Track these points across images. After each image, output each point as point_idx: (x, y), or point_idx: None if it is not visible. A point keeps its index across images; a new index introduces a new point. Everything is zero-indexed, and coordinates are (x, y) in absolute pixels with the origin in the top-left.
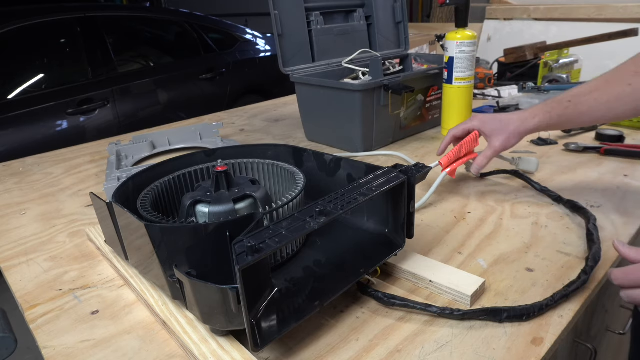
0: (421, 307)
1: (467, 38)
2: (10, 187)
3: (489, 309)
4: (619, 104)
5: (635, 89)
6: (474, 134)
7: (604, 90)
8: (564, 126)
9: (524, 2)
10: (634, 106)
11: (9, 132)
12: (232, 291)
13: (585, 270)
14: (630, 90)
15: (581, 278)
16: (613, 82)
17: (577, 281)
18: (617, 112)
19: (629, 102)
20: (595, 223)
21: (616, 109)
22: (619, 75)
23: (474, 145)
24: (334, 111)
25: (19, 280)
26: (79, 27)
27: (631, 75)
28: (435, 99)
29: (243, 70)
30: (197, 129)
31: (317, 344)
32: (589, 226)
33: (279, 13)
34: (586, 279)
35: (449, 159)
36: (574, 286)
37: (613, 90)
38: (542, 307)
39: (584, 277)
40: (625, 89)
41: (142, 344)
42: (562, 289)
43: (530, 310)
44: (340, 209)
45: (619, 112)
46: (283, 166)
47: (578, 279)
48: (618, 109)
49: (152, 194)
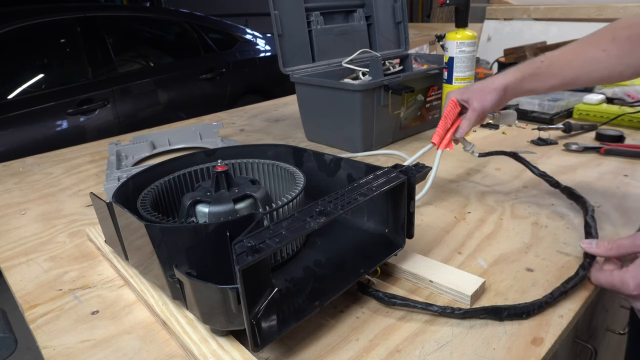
0: (422, 307)
1: (467, 38)
2: (10, 187)
3: (490, 307)
4: (592, 68)
5: (609, 55)
6: (451, 101)
7: (578, 53)
8: (537, 86)
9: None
10: (607, 73)
11: (9, 132)
12: (232, 291)
13: (584, 266)
14: (604, 55)
15: (579, 274)
16: (588, 46)
17: (575, 277)
18: (590, 76)
19: (602, 67)
20: (593, 214)
21: (589, 73)
22: (595, 40)
23: (455, 111)
24: (334, 111)
25: (19, 280)
26: (79, 27)
27: (607, 42)
28: (435, 99)
29: (243, 70)
30: (197, 129)
31: (317, 344)
32: (587, 218)
33: (279, 13)
34: (584, 274)
35: (439, 135)
36: (572, 282)
37: (587, 54)
38: (541, 305)
39: (582, 273)
40: (600, 54)
41: (142, 344)
42: (560, 285)
43: (530, 308)
44: (340, 209)
45: (592, 77)
46: (283, 166)
47: (576, 275)
48: (591, 74)
49: (152, 194)
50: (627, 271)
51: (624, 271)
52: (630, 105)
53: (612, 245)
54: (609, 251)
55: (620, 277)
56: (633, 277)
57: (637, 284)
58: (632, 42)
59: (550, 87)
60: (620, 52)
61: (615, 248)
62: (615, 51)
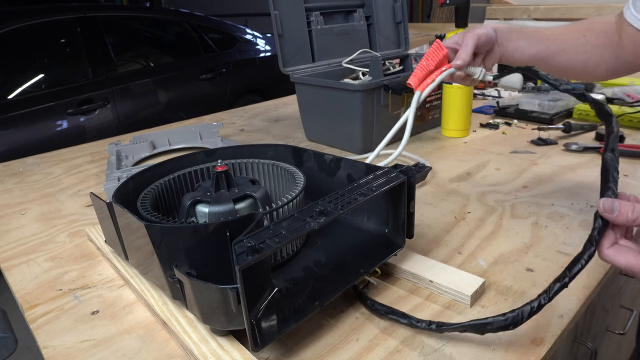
0: (406, 322)
1: None
2: (10, 187)
3: (471, 322)
4: (572, 49)
5: (587, 41)
6: (436, 42)
7: (562, 32)
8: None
9: (524, 2)
10: (583, 58)
11: (9, 132)
12: (232, 291)
13: (592, 240)
14: (583, 41)
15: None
16: (572, 29)
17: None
18: (568, 56)
19: (581, 51)
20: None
21: (568, 52)
22: (576, 26)
23: (440, 54)
24: (334, 111)
25: (19, 280)
26: (79, 27)
27: (586, 29)
28: (435, 99)
29: (243, 70)
30: (197, 129)
31: (317, 344)
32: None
33: (279, 13)
34: (593, 251)
35: (417, 77)
36: (576, 267)
37: (570, 34)
38: (532, 310)
39: (590, 248)
40: (580, 37)
41: (142, 344)
42: (548, 286)
43: (517, 318)
44: (340, 209)
45: (570, 58)
46: (283, 166)
47: (578, 262)
48: (569, 54)
49: (152, 194)
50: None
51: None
52: (630, 105)
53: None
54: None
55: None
56: None
57: None
58: (607, 36)
59: (535, 52)
60: (596, 42)
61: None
62: (592, 40)
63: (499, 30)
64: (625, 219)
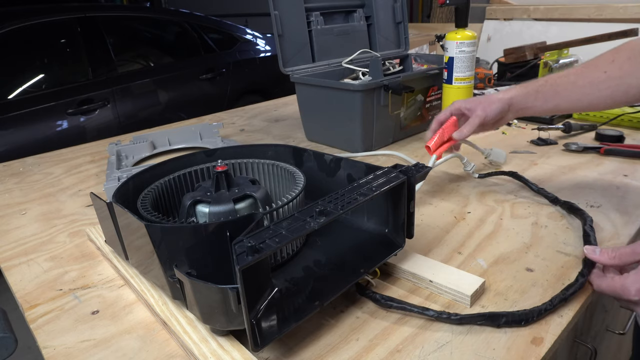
0: (418, 310)
1: (467, 38)
2: (10, 187)
3: (487, 313)
4: (594, 89)
5: (609, 77)
6: (452, 119)
7: (580, 75)
8: (540, 104)
9: (524, 2)
10: (609, 93)
11: (9, 132)
12: (232, 291)
13: (583, 273)
14: (605, 77)
15: (579, 281)
16: (590, 68)
17: (575, 284)
18: (591, 97)
19: (603, 88)
20: (592, 224)
21: (591, 94)
22: (597, 62)
23: (453, 130)
24: (334, 111)
25: (19, 280)
26: (79, 27)
27: (608, 63)
28: (435, 99)
29: (243, 70)
30: (197, 129)
31: (317, 344)
32: (585, 227)
33: (279, 13)
34: (584, 281)
35: (436, 144)
36: (572, 289)
37: (589, 75)
38: (540, 312)
39: (581, 279)
40: (600, 75)
41: (142, 344)
42: (560, 292)
43: (529, 316)
44: (340, 209)
45: (593, 99)
46: (283, 166)
47: (576, 281)
48: (592, 95)
49: (152, 194)
50: (627, 277)
51: (625, 277)
52: (629, 105)
53: (615, 254)
54: (611, 260)
55: (622, 282)
56: (633, 282)
57: (638, 290)
58: (632, 62)
59: (554, 106)
60: (620, 73)
61: (617, 257)
62: (616, 72)
63: (515, 99)
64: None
